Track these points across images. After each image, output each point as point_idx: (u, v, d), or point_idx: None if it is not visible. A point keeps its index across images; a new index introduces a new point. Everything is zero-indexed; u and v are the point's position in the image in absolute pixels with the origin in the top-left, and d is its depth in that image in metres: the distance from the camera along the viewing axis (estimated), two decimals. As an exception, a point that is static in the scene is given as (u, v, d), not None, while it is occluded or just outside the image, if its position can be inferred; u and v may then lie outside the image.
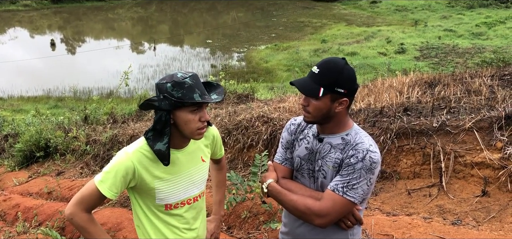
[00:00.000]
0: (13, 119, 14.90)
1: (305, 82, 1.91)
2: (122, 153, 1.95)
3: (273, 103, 7.44)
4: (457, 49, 26.11)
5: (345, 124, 1.95)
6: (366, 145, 1.86)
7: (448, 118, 4.23)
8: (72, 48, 37.37)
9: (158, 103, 1.88)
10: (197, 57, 31.78)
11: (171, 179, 2.04)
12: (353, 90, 1.89)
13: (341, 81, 1.84)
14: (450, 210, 3.59)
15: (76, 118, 10.75)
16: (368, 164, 1.82)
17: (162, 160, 1.96)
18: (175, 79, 1.88)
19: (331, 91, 1.85)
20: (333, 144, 1.93)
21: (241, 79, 14.46)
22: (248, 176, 4.99)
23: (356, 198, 1.85)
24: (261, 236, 4.01)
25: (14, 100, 24.93)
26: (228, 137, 5.96)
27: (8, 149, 11.30)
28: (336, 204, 1.85)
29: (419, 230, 3.37)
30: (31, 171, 9.21)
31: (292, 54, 28.37)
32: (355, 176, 1.83)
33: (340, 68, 1.85)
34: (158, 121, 1.92)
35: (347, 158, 1.86)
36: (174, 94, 1.87)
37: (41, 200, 6.79)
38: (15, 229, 5.40)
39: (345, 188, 1.84)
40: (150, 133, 1.97)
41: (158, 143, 1.93)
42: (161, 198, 2.03)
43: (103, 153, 8.26)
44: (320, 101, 1.87)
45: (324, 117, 1.90)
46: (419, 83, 6.37)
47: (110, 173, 1.90)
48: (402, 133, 4.27)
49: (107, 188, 1.89)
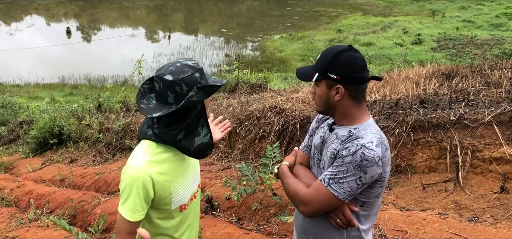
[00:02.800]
0: (28, 106, 15.04)
1: (305, 69, 1.88)
2: (132, 170, 1.75)
3: (286, 94, 7.34)
4: (476, 40, 25.63)
5: (355, 118, 1.83)
6: (363, 141, 1.73)
7: (466, 111, 4.09)
8: (87, 36, 37.63)
9: (197, 96, 1.74)
10: (211, 46, 31.74)
11: (184, 175, 1.93)
12: (349, 78, 1.77)
13: (333, 66, 1.76)
14: (466, 206, 3.48)
15: (89, 106, 10.79)
16: (358, 160, 1.70)
17: (204, 152, 1.88)
18: (197, 67, 1.78)
19: (324, 76, 1.79)
20: (338, 135, 1.85)
21: (254, 69, 14.39)
22: (259, 168, 4.92)
23: (340, 193, 1.74)
24: (272, 228, 3.94)
25: (31, 87, 25.25)
26: (240, 128, 5.90)
27: (23, 136, 11.41)
28: (319, 195, 1.78)
29: (434, 226, 3.26)
30: (45, 158, 9.29)
31: (307, 44, 28.16)
32: (343, 169, 1.73)
33: (335, 52, 1.78)
34: (195, 116, 1.80)
35: (341, 150, 1.77)
36: (203, 83, 1.78)
37: (54, 187, 6.83)
38: (27, 216, 5.42)
39: (331, 180, 1.76)
40: (181, 133, 1.80)
41: (196, 138, 1.83)
42: (177, 201, 1.90)
43: (116, 141, 8.27)
44: (319, 88, 1.83)
45: (326, 106, 1.85)
46: (436, 75, 6.21)
47: (129, 197, 1.73)
48: (418, 126, 4.14)
49: (131, 212, 1.74)
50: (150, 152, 1.80)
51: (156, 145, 1.81)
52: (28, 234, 4.77)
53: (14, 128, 12.78)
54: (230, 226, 4.06)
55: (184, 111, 1.78)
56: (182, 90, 1.74)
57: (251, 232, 3.95)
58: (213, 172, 5.41)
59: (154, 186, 1.76)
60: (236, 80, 9.82)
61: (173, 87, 1.74)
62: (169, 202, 1.86)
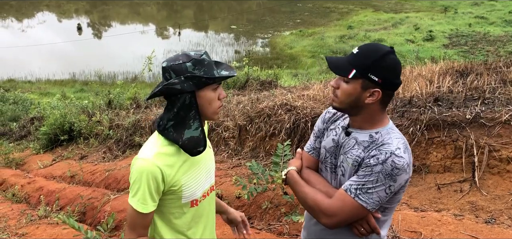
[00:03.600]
0: (39, 103, 15.13)
1: (338, 60, 1.72)
2: (141, 162, 1.72)
3: (297, 91, 7.26)
4: (488, 37, 25.32)
5: (377, 121, 1.73)
6: (392, 147, 1.63)
7: (483, 109, 3.99)
8: (98, 33, 37.82)
9: (181, 85, 1.69)
10: (221, 42, 31.73)
11: (195, 169, 1.86)
12: (390, 83, 1.65)
13: (377, 68, 1.62)
14: (483, 207, 3.39)
15: (99, 103, 10.81)
16: (389, 169, 1.60)
17: (195, 148, 1.77)
18: (194, 57, 1.71)
19: (363, 75, 1.64)
20: (358, 140, 1.74)
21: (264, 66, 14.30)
22: (270, 166, 4.86)
23: (369, 204, 1.65)
24: (282, 228, 3.88)
25: (42, 83, 25.44)
26: (250, 125, 5.84)
27: (33, 132, 11.47)
28: (346, 206, 1.67)
29: (449, 228, 3.18)
30: (55, 154, 9.31)
31: (317, 41, 28.02)
32: (372, 179, 1.63)
33: (380, 53, 1.63)
34: (182, 106, 1.73)
35: (368, 158, 1.66)
36: (196, 73, 1.70)
37: (64, 184, 6.83)
38: (37, 213, 5.42)
39: (358, 190, 1.65)
40: (169, 124, 1.76)
41: (186, 131, 1.75)
42: (187, 195, 1.83)
43: (126, 138, 8.26)
44: (350, 85, 1.67)
45: (352, 105, 1.70)
46: (450, 72, 6.09)
47: (139, 189, 1.70)
48: (433, 125, 4.05)
49: (141, 204, 1.71)
50: (158, 144, 1.77)
51: (163, 137, 1.79)
52: (37, 232, 4.77)
53: (25, 124, 12.86)
54: (240, 225, 4.00)
55: (173, 100, 1.74)
56: (171, 77, 1.72)
57: (262, 231, 3.90)
58: (223, 170, 5.36)
59: (163, 177, 1.72)
60: (246, 77, 9.75)
61: (164, 74, 1.74)
62: (180, 195, 1.81)
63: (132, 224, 1.77)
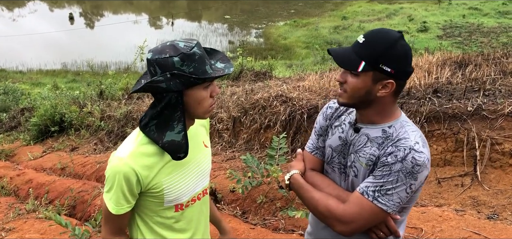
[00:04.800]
0: (29, 93, 14.91)
1: (344, 52, 1.54)
2: (116, 161, 1.56)
3: (292, 82, 7.14)
4: (482, 28, 25.25)
5: (389, 114, 1.57)
6: (410, 142, 1.47)
7: (485, 101, 3.88)
8: (90, 22, 37.40)
9: (166, 83, 1.49)
10: (215, 32, 31.49)
11: (181, 172, 1.67)
12: (403, 73, 1.50)
13: (389, 57, 1.46)
14: (485, 202, 3.29)
15: (91, 93, 10.63)
16: (409, 166, 1.45)
17: (176, 153, 1.58)
18: (183, 51, 1.49)
19: (374, 67, 1.47)
20: (371, 136, 1.57)
21: (258, 56, 14.16)
22: (265, 159, 4.74)
23: (390, 206, 1.49)
24: (278, 223, 3.77)
25: (33, 74, 25.15)
26: (245, 117, 5.71)
27: (24, 123, 11.28)
28: (364, 211, 1.50)
29: (450, 224, 3.08)
30: (46, 146, 9.15)
31: (312, 31, 27.85)
32: (391, 180, 1.47)
33: (391, 41, 1.47)
34: (166, 106, 1.53)
35: (384, 156, 1.50)
36: (185, 70, 1.49)
37: (54, 176, 6.68)
38: (25, 206, 5.27)
39: (377, 192, 1.49)
40: (152, 123, 1.57)
41: (168, 133, 1.56)
42: (171, 199, 1.66)
43: (117, 130, 8.12)
44: (359, 78, 1.50)
45: (362, 100, 1.53)
46: (448, 63, 5.99)
47: (112, 188, 1.56)
48: (433, 117, 3.94)
49: (114, 205, 1.57)
50: (137, 142, 1.60)
51: (144, 135, 1.60)
52: (25, 226, 4.62)
53: (16, 115, 12.65)
54: (234, 220, 3.89)
55: (158, 98, 1.55)
56: (156, 73, 1.52)
57: (257, 226, 3.78)
58: (217, 163, 5.24)
59: (139, 179, 1.55)
60: (240, 68, 9.61)
61: (149, 67, 1.55)
62: (162, 199, 1.64)
63: (106, 221, 1.65)
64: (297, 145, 4.96)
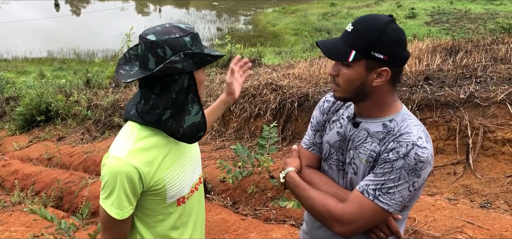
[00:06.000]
0: (14, 82, 14.65)
1: (332, 43, 1.44)
2: (114, 161, 1.44)
3: (282, 69, 7.07)
4: (469, 14, 25.36)
5: (389, 106, 1.47)
6: (413, 137, 1.38)
7: (477, 89, 3.85)
8: (76, 9, 36.89)
9: (181, 64, 1.41)
10: (203, 19, 31.26)
11: (179, 163, 1.59)
12: (398, 57, 1.40)
13: (380, 44, 1.36)
14: (477, 191, 3.26)
15: (77, 82, 10.46)
16: (412, 163, 1.35)
17: (197, 134, 1.55)
18: (190, 31, 1.45)
19: (365, 55, 1.38)
20: (371, 131, 1.48)
21: (247, 43, 14.04)
22: (255, 148, 4.68)
23: (391, 205, 1.40)
24: (269, 213, 3.72)
25: (19, 62, 24.78)
26: (234, 105, 5.63)
27: (9, 112, 11.08)
28: (364, 211, 1.41)
29: (443, 213, 3.05)
30: (32, 136, 8.99)
31: (300, 18, 27.79)
32: (393, 177, 1.38)
33: (381, 26, 1.37)
34: (181, 89, 1.45)
35: (386, 152, 1.41)
36: (195, 50, 1.44)
37: (40, 167, 6.56)
38: (10, 199, 5.16)
39: (377, 191, 1.40)
40: (167, 113, 1.47)
41: (186, 118, 1.49)
42: (173, 194, 1.57)
43: (105, 119, 7.99)
44: (352, 69, 1.41)
45: (358, 92, 1.44)
46: (438, 50, 5.96)
47: (113, 193, 1.44)
48: (425, 105, 3.90)
49: (117, 210, 1.45)
50: (134, 137, 1.48)
51: (140, 128, 1.49)
52: (10, 219, 4.52)
53: (1, 104, 12.42)
54: (225, 211, 3.83)
55: (168, 82, 1.44)
56: (165, 54, 1.41)
57: (247, 217, 3.73)
58: (206, 153, 5.17)
59: (141, 178, 1.45)
60: (229, 55, 9.50)
61: (155, 50, 1.41)
62: (164, 195, 1.55)
63: (108, 229, 1.51)
64: (287, 134, 4.91)
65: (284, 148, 4.77)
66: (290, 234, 3.30)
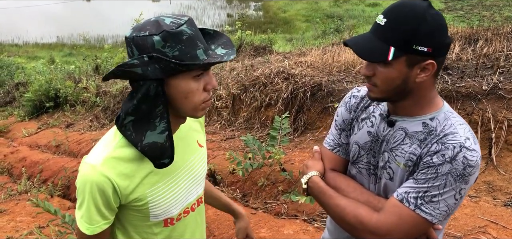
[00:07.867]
0: (23, 68, 14.64)
1: (365, 40, 1.25)
2: (86, 168, 1.22)
3: (293, 57, 6.89)
4: (485, 1, 24.85)
5: (430, 102, 1.28)
6: (460, 139, 1.19)
7: (501, 80, 3.66)
8: (87, -5, 36.77)
9: (142, 69, 1.16)
10: (213, 5, 31.04)
11: (169, 180, 1.36)
12: (442, 47, 1.21)
13: (422, 35, 1.17)
14: (501, 188, 3.10)
15: (86, 68, 10.39)
16: (460, 168, 1.17)
17: (159, 159, 1.25)
18: (166, 29, 1.16)
19: (407, 50, 1.19)
20: (409, 131, 1.29)
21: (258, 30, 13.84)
22: (266, 139, 4.54)
23: (435, 216, 1.21)
24: (280, 207, 3.59)
25: (29, 47, 24.86)
26: (244, 94, 5.48)
27: (18, 98, 11.07)
28: (403, 222, 1.23)
29: (465, 212, 2.89)
30: (41, 122, 8.96)
31: (311, 4, 27.43)
32: (438, 184, 1.19)
33: (419, 14, 1.18)
34: (144, 98, 1.18)
35: (429, 155, 1.22)
36: (167, 53, 1.16)
37: (48, 155, 6.50)
38: (17, 187, 5.09)
39: (420, 199, 1.22)
40: (128, 119, 1.22)
41: (148, 132, 1.22)
42: (158, 213, 1.34)
43: (113, 106, 7.91)
44: (391, 67, 1.22)
45: (399, 91, 1.26)
46: (456, 38, 5.74)
47: (83, 203, 1.23)
48: (445, 96, 3.72)
49: (87, 224, 1.24)
50: (113, 144, 1.26)
51: (121, 135, 1.27)
52: (16, 208, 4.45)
53: (10, 89, 12.42)
54: (235, 203, 3.70)
55: (135, 87, 1.20)
56: (133, 54, 1.18)
57: (258, 211, 3.60)
58: (216, 142, 5.04)
59: (116, 190, 1.23)
60: (239, 42, 9.34)
61: (127, 47, 1.21)
62: (147, 213, 1.33)
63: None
64: (299, 125, 4.75)
65: (296, 139, 4.63)
66: (302, 230, 3.16)
